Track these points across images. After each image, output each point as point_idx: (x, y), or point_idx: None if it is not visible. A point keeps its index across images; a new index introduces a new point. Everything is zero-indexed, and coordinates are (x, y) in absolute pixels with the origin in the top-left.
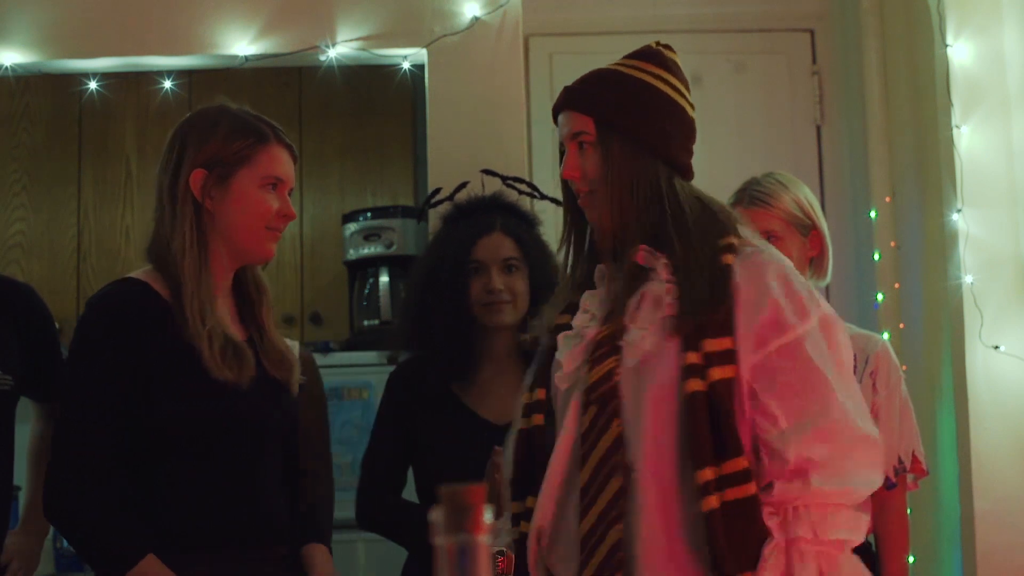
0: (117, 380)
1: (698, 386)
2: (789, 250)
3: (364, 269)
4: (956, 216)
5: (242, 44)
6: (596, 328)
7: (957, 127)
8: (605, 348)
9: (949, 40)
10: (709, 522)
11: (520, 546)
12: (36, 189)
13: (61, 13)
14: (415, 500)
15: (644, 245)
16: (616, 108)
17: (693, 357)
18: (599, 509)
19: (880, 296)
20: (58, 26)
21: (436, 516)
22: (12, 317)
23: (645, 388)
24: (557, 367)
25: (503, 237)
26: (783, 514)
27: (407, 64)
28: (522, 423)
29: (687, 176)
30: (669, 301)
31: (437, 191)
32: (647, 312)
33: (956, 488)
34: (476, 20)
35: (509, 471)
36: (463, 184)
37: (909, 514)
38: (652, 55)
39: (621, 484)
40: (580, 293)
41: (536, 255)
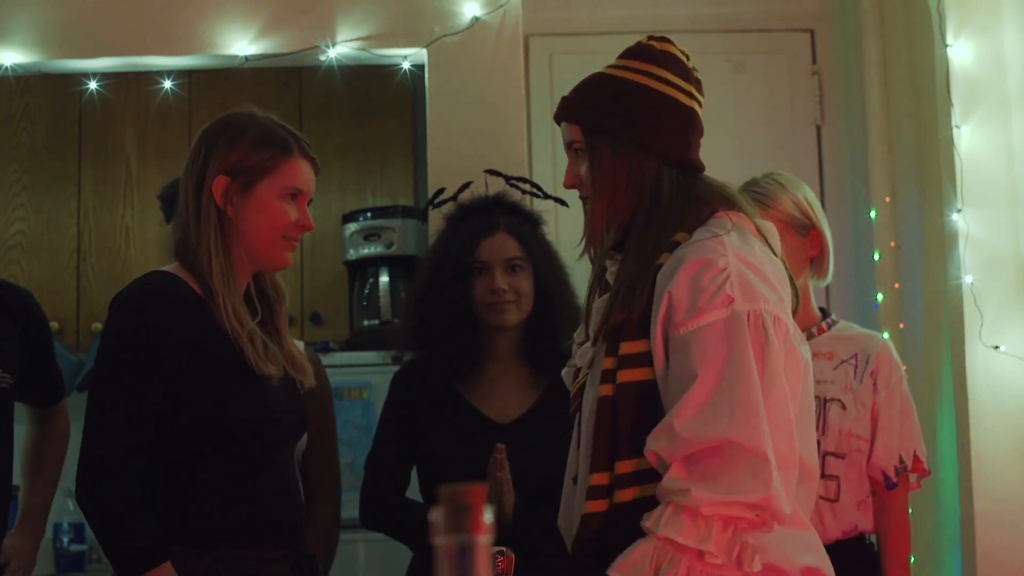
0: (154, 371)
1: (607, 391)
2: (788, 251)
3: (364, 269)
4: (956, 216)
5: (242, 44)
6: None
7: (957, 127)
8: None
9: (949, 40)
10: (581, 523)
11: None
12: (36, 189)
13: (61, 13)
14: (418, 500)
15: (610, 249)
16: (600, 112)
17: (609, 362)
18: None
19: (880, 296)
20: (58, 26)
21: (436, 516)
22: (11, 319)
23: (591, 398)
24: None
25: (507, 237)
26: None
27: (407, 64)
28: None
29: (690, 166)
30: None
31: (441, 191)
32: (594, 320)
33: (956, 488)
34: (476, 20)
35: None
36: (467, 184)
37: (910, 514)
38: (639, 51)
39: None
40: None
41: (540, 255)
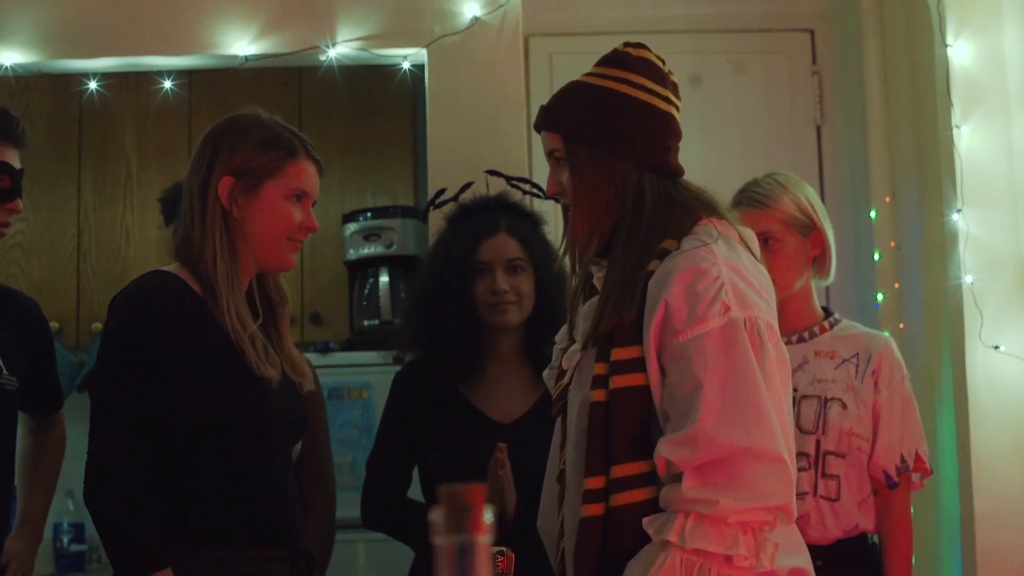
0: (154, 371)
1: (599, 396)
2: (788, 251)
3: (364, 269)
4: (956, 216)
5: (242, 44)
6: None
7: (957, 127)
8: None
9: (949, 40)
10: (580, 527)
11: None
12: (36, 189)
13: (61, 13)
14: (419, 500)
15: (595, 256)
16: (579, 120)
17: (600, 367)
18: (560, 518)
19: (880, 296)
20: (58, 26)
21: (436, 516)
22: (17, 327)
23: (577, 402)
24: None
25: (507, 238)
26: (665, 515)
27: (407, 64)
28: None
29: (669, 172)
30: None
31: (442, 191)
32: (582, 326)
33: (956, 488)
34: (476, 20)
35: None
36: (467, 184)
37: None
38: (615, 59)
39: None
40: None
41: (541, 255)
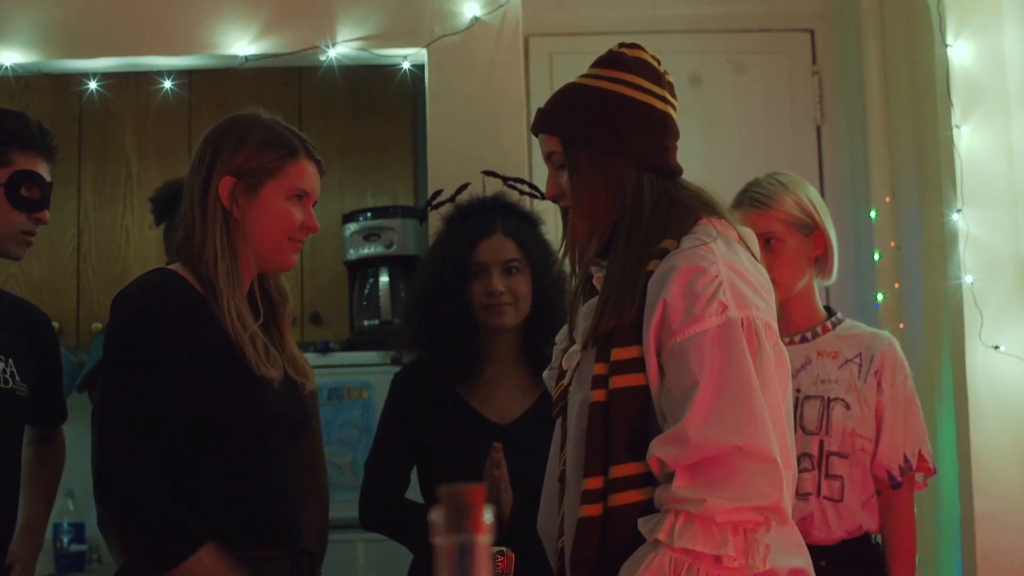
0: (157, 368)
1: (599, 396)
2: (791, 251)
3: (364, 269)
4: (956, 216)
5: (242, 44)
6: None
7: (957, 127)
8: (563, 365)
9: (949, 40)
10: (578, 527)
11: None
12: None
13: (61, 13)
14: (418, 500)
15: (594, 256)
16: (575, 123)
17: (600, 368)
18: (560, 519)
19: (880, 296)
20: (58, 26)
21: (436, 516)
22: (30, 340)
23: (578, 402)
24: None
25: (504, 239)
26: (658, 515)
27: (407, 64)
28: None
29: (668, 171)
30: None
31: (438, 193)
32: (582, 325)
33: (956, 488)
34: (476, 20)
35: None
36: (464, 186)
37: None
38: (611, 60)
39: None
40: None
41: (538, 256)
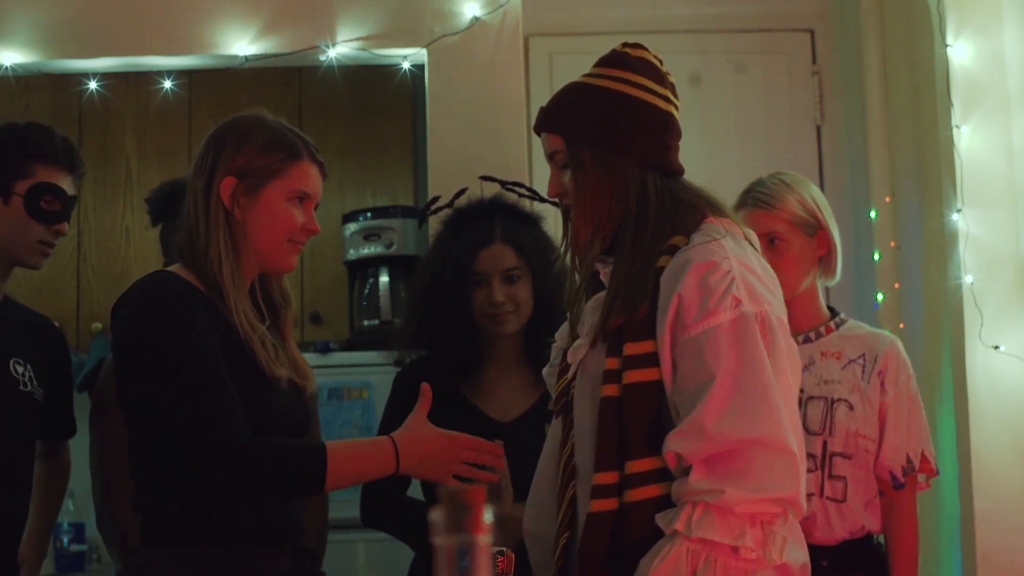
0: (158, 368)
1: (611, 391)
2: (795, 251)
3: (364, 269)
4: (956, 216)
5: (242, 44)
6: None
7: (957, 127)
8: (567, 360)
9: (949, 40)
10: (587, 523)
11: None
12: None
13: (61, 13)
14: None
15: (601, 253)
16: (579, 122)
17: (612, 362)
18: (560, 515)
19: (880, 296)
20: (58, 26)
21: (436, 516)
22: (47, 354)
23: (586, 397)
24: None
25: (503, 247)
26: (675, 508)
27: (407, 64)
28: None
29: (671, 171)
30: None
31: (435, 199)
32: (588, 321)
33: (956, 488)
34: (476, 20)
35: None
36: (462, 191)
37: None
38: (614, 59)
39: (574, 491)
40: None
41: (539, 260)
